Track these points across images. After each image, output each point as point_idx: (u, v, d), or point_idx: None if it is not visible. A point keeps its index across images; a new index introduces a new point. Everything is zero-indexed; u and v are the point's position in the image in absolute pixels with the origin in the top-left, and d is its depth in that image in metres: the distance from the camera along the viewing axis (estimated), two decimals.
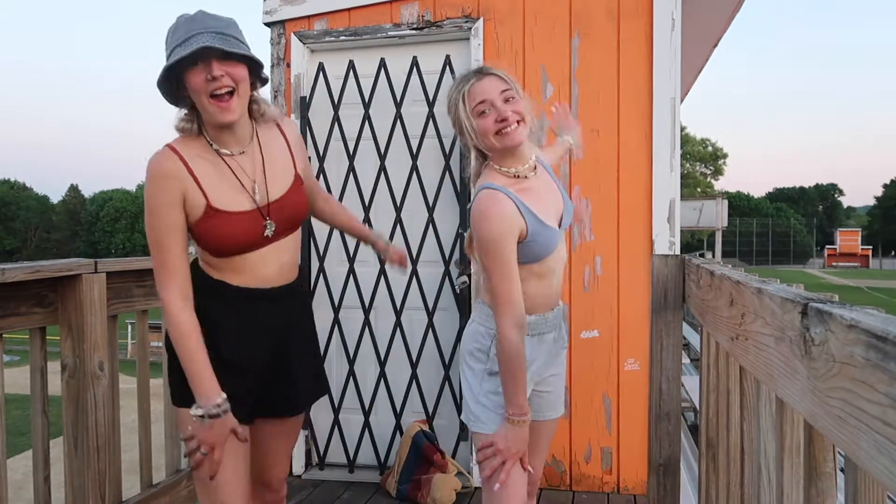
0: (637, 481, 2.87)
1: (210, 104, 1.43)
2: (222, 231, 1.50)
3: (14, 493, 9.02)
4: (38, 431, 1.95)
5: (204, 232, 1.50)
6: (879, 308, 0.69)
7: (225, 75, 1.41)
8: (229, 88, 1.43)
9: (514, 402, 1.56)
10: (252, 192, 1.54)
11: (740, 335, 1.21)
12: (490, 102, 1.56)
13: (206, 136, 1.53)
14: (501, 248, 1.53)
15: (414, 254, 3.04)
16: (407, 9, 3.06)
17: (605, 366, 2.89)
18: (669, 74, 2.81)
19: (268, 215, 1.54)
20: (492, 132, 1.56)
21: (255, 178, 1.55)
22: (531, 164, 1.65)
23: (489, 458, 1.60)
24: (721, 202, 15.46)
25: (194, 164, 1.49)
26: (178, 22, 1.45)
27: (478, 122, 1.57)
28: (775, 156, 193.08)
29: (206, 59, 1.40)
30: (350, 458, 3.12)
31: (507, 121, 1.55)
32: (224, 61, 1.41)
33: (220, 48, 1.39)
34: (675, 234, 2.82)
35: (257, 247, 1.55)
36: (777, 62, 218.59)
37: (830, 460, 0.90)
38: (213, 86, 1.41)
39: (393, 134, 3.07)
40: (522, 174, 1.62)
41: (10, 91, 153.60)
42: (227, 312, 1.56)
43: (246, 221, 1.53)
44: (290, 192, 1.60)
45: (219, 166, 1.52)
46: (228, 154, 1.53)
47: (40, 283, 1.93)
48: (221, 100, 1.43)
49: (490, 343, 1.65)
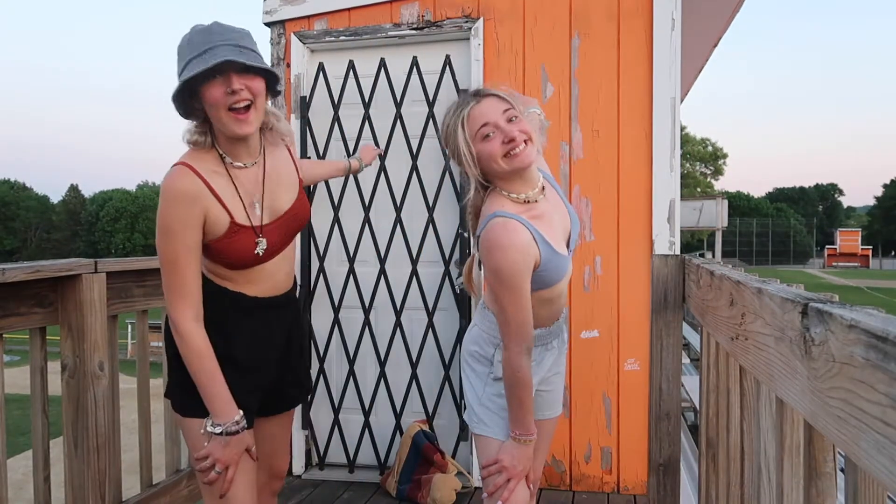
0: (637, 481, 2.87)
1: (228, 117, 1.41)
2: (244, 244, 1.50)
3: (14, 493, 9.02)
4: (38, 431, 1.95)
5: (226, 248, 1.49)
6: (879, 308, 0.69)
7: (244, 89, 1.40)
8: (248, 102, 1.42)
9: (522, 423, 1.55)
10: (250, 208, 1.53)
11: (740, 335, 1.21)
12: (494, 125, 1.48)
13: (218, 149, 1.50)
14: (518, 280, 1.47)
15: (414, 254, 3.04)
16: (407, 9, 3.06)
17: (605, 366, 2.89)
18: (669, 74, 2.81)
19: (261, 233, 1.53)
20: (500, 155, 1.48)
21: (255, 192, 1.54)
22: (540, 186, 1.58)
23: (493, 474, 1.59)
24: (721, 202, 15.45)
25: (212, 180, 1.47)
26: (192, 33, 1.43)
27: (482, 147, 1.49)
28: (775, 156, 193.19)
29: (224, 72, 1.38)
30: (350, 458, 3.12)
31: (515, 141, 1.47)
32: (243, 74, 1.40)
33: (241, 62, 1.38)
34: (675, 234, 2.82)
35: (263, 260, 1.56)
36: (777, 62, 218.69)
37: (830, 460, 0.90)
38: (233, 99, 1.40)
39: (393, 134, 3.07)
40: (533, 199, 1.54)
41: (10, 91, 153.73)
42: (244, 322, 1.57)
43: (247, 237, 1.53)
44: (297, 202, 1.62)
45: (228, 180, 1.51)
46: (238, 167, 1.52)
47: (40, 283, 1.93)
48: (239, 113, 1.42)
49: (494, 350, 1.65)
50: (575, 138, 2.92)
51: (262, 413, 1.69)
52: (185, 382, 1.51)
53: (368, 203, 3.09)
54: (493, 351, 1.64)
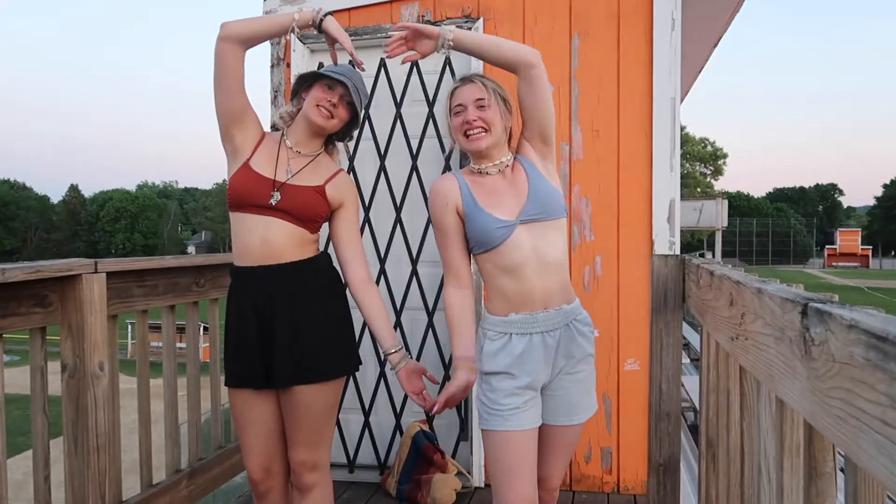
0: (637, 481, 2.88)
1: (314, 109, 1.84)
2: (258, 187, 1.81)
3: (14, 493, 9.03)
4: (38, 431, 1.95)
5: (239, 184, 1.83)
6: (879, 308, 0.69)
7: (337, 104, 1.85)
8: (332, 111, 1.86)
9: (453, 350, 1.79)
10: (280, 168, 1.86)
11: (740, 335, 1.21)
12: (464, 106, 1.73)
13: (287, 139, 1.90)
14: (439, 219, 1.78)
15: (414, 254, 3.04)
16: (407, 9, 3.06)
17: (605, 366, 2.89)
18: (669, 74, 2.81)
19: (279, 188, 1.82)
20: (459, 132, 1.75)
21: (291, 167, 1.87)
22: (500, 164, 1.77)
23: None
24: (721, 202, 15.47)
25: (266, 139, 1.91)
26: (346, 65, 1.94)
27: (453, 121, 1.76)
28: (775, 156, 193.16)
29: (335, 87, 1.85)
30: (350, 458, 3.12)
31: (471, 125, 1.72)
32: (342, 101, 1.86)
33: (351, 98, 1.86)
34: (675, 234, 2.82)
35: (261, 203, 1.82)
36: (777, 62, 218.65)
37: (830, 460, 0.90)
38: (326, 97, 1.84)
39: (393, 134, 3.07)
40: (484, 171, 1.78)
41: (10, 91, 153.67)
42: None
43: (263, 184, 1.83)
44: (309, 190, 1.85)
45: (276, 146, 1.89)
46: (289, 146, 1.89)
47: (40, 283, 1.92)
48: (322, 111, 1.84)
49: (484, 341, 1.73)
50: (575, 138, 2.92)
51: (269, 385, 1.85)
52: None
53: (368, 203, 3.09)
54: (484, 341, 1.74)
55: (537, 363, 1.70)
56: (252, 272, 1.82)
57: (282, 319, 1.80)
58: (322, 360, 1.84)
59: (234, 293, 1.87)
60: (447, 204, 1.76)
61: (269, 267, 1.81)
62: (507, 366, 1.68)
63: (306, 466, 1.88)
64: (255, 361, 1.83)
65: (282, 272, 1.81)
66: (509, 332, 1.70)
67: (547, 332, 1.71)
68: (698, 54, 5.50)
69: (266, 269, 1.81)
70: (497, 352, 1.70)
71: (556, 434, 1.78)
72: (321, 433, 1.88)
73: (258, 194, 1.80)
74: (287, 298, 1.82)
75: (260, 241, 1.81)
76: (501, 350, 1.70)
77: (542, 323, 1.70)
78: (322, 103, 1.83)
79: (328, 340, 1.86)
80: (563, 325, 1.73)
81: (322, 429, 1.88)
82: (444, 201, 1.76)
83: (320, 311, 1.85)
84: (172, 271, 2.43)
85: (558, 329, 1.73)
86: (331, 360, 1.86)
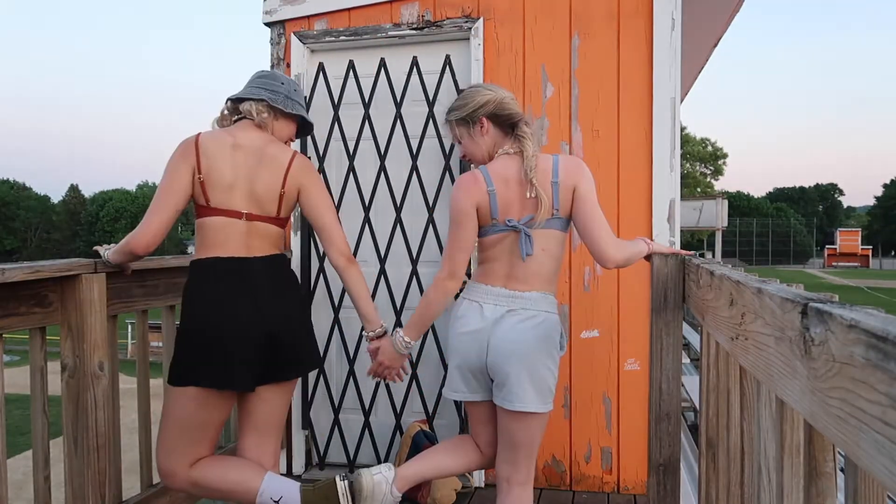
0: (637, 481, 2.88)
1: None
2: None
3: (14, 493, 9.02)
4: (38, 431, 1.95)
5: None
6: (879, 308, 0.68)
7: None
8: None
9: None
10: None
11: (740, 335, 1.21)
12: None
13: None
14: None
15: (414, 254, 3.04)
16: (407, 9, 3.06)
17: (605, 366, 2.89)
18: (669, 74, 2.81)
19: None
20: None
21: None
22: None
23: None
24: (721, 202, 15.47)
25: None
26: (294, 83, 2.19)
27: None
28: (775, 156, 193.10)
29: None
30: (350, 458, 3.12)
31: (463, 157, 2.12)
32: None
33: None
34: (675, 234, 2.82)
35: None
36: (777, 62, 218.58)
37: (830, 460, 0.90)
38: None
39: (393, 134, 3.07)
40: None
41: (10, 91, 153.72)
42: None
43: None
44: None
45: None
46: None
47: (40, 283, 1.92)
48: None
49: (560, 329, 2.01)
50: (575, 138, 2.91)
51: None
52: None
53: (368, 203, 3.09)
54: (560, 329, 1.98)
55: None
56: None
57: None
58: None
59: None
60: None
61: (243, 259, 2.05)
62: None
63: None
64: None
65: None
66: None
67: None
68: (698, 54, 5.50)
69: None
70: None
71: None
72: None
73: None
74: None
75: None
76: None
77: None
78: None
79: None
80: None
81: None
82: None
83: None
84: (172, 271, 2.43)
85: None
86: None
